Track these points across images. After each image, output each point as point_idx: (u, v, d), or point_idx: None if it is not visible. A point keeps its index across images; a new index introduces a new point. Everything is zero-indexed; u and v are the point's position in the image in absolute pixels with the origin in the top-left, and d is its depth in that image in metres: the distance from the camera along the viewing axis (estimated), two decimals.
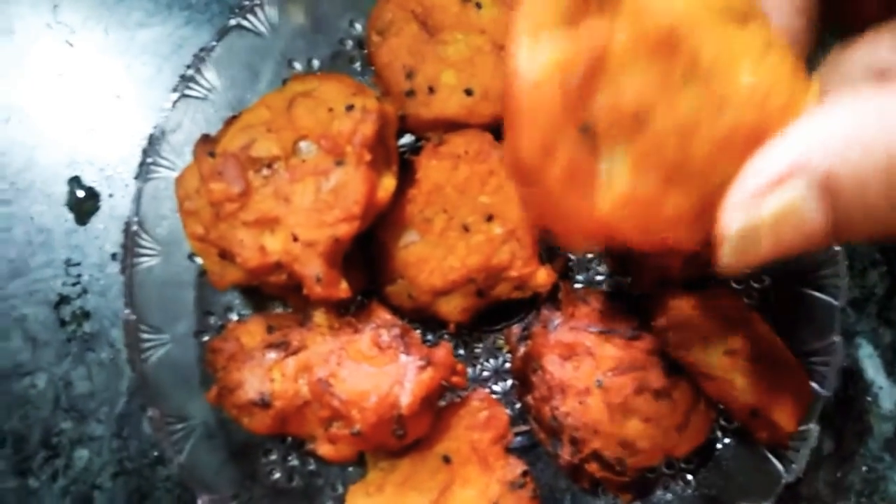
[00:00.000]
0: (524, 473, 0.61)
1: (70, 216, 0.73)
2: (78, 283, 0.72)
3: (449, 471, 0.60)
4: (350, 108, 0.60)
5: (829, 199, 0.25)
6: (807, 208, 0.25)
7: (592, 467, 0.60)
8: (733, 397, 0.56)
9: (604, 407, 0.60)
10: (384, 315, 0.62)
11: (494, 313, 0.69)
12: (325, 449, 0.58)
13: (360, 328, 0.60)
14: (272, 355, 0.59)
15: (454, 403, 0.63)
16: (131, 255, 0.63)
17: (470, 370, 0.70)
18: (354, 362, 0.58)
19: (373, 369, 0.58)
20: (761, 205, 0.25)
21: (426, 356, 0.58)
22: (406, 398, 0.56)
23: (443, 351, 0.59)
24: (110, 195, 0.73)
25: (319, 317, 0.61)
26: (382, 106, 0.62)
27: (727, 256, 0.28)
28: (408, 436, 0.58)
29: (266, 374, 0.58)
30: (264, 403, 0.57)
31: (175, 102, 0.65)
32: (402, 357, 0.58)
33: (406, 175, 0.64)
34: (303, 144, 0.60)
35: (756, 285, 0.71)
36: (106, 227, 0.72)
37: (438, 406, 0.63)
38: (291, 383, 0.58)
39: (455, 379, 0.60)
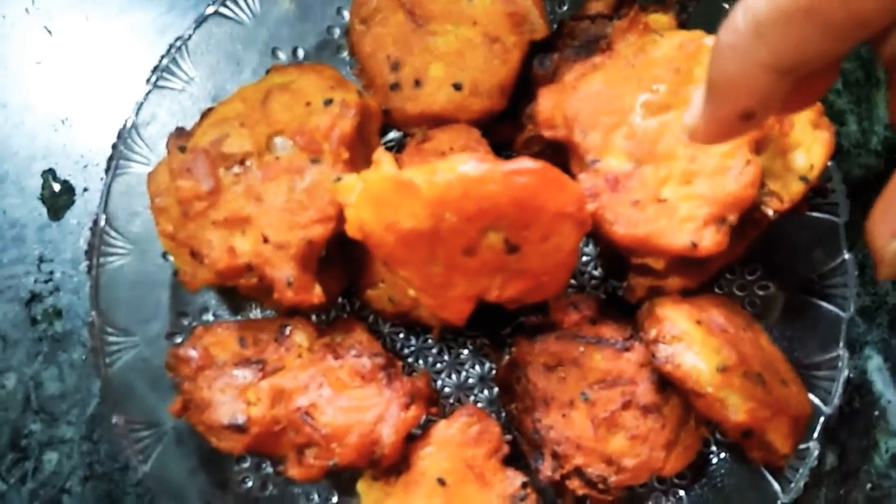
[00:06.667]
0: (524, 485, 0.58)
1: (44, 210, 0.70)
2: (50, 280, 0.69)
3: (446, 493, 0.58)
4: (328, 102, 0.57)
5: None
6: None
7: (574, 484, 0.57)
8: (724, 416, 0.53)
9: (588, 421, 0.57)
10: (363, 336, 0.59)
11: (485, 314, 0.66)
12: (295, 471, 0.56)
13: (340, 353, 0.58)
14: (246, 375, 0.56)
15: (441, 420, 0.60)
16: (98, 255, 0.60)
17: (454, 377, 0.67)
18: (335, 392, 0.56)
19: (354, 402, 0.56)
20: None
21: (410, 391, 0.56)
22: (389, 437, 0.55)
23: (422, 382, 0.57)
24: (85, 189, 0.71)
25: (299, 336, 0.58)
26: (364, 100, 0.59)
27: (890, 271, 0.35)
28: (383, 463, 0.56)
29: (240, 396, 0.56)
30: (239, 429, 0.55)
31: (147, 94, 0.63)
32: (385, 391, 0.56)
33: None
34: (278, 140, 0.57)
35: (760, 293, 0.67)
36: (80, 223, 0.70)
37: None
38: (268, 409, 0.55)
39: (432, 410, 0.59)
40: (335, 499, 0.64)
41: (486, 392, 0.67)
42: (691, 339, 0.54)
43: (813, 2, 0.29)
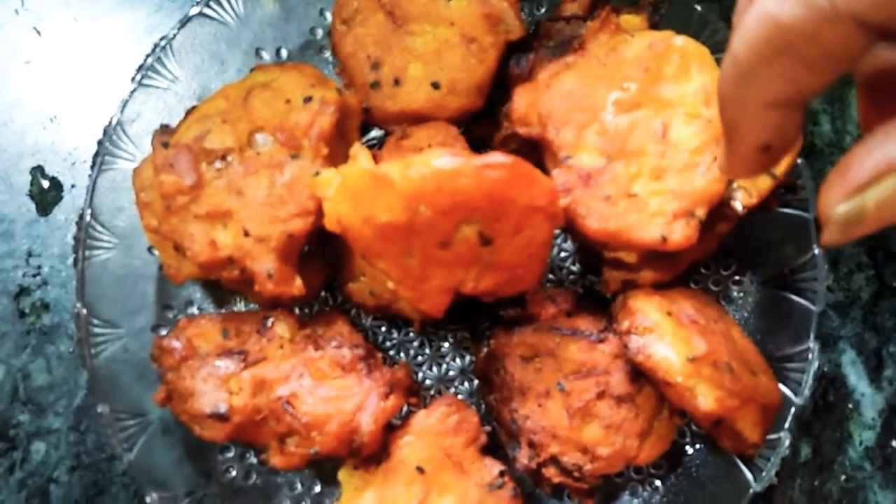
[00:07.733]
0: (502, 473, 0.59)
1: (32, 206, 0.72)
2: (38, 274, 0.71)
3: (424, 481, 0.59)
4: (308, 99, 0.58)
5: None
6: None
7: (550, 472, 0.59)
8: (694, 405, 0.54)
9: (563, 411, 0.59)
10: (344, 328, 0.61)
11: (466, 307, 0.67)
12: (277, 459, 0.58)
13: (321, 344, 0.59)
14: (229, 365, 0.58)
15: (421, 410, 0.62)
16: (84, 248, 0.62)
17: (435, 369, 0.69)
18: (315, 382, 0.57)
19: (334, 391, 0.57)
20: (865, 194, 0.32)
21: (389, 382, 0.57)
22: (368, 426, 0.57)
23: (402, 373, 0.59)
24: (73, 186, 0.72)
25: (280, 327, 0.60)
26: (343, 98, 0.60)
27: (833, 235, 0.34)
28: (363, 452, 0.57)
29: (222, 386, 0.57)
30: (221, 418, 0.56)
31: (133, 92, 0.64)
32: (365, 381, 0.57)
33: None
34: (259, 137, 0.58)
35: (734, 287, 0.69)
36: (68, 218, 0.71)
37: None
38: (250, 399, 0.57)
39: (412, 400, 0.60)
40: (317, 488, 0.65)
41: (466, 384, 0.69)
42: (662, 330, 0.56)
43: (784, 42, 0.29)
